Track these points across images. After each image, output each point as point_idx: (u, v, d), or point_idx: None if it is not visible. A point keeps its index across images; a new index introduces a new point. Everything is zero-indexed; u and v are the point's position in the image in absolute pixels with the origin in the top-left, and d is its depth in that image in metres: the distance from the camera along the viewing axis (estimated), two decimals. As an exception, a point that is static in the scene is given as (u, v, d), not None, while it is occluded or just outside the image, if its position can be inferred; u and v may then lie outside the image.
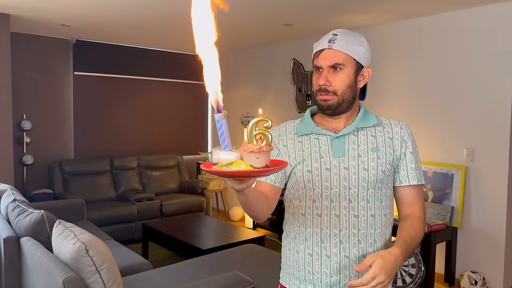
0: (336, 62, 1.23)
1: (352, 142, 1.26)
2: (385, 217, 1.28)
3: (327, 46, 1.25)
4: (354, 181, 1.23)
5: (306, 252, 1.27)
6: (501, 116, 3.45)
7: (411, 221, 1.26)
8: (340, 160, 1.25)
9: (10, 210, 2.61)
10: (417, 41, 4.00)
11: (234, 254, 3.15)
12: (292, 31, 4.70)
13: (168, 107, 6.15)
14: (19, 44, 4.86)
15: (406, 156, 1.30)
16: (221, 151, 0.89)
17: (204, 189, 5.51)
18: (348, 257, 1.23)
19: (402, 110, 4.10)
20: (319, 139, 1.28)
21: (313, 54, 1.30)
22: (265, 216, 1.26)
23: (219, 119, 0.88)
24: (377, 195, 1.25)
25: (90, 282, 1.81)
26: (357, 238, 1.23)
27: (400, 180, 1.30)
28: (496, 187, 3.49)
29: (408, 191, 1.30)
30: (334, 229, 1.23)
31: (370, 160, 1.24)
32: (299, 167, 1.27)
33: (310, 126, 1.30)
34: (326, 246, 1.24)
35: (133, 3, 3.62)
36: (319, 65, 1.25)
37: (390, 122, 1.33)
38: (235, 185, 0.98)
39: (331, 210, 1.24)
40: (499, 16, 3.44)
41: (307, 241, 1.27)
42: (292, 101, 5.29)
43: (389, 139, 1.29)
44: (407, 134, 1.32)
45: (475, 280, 3.45)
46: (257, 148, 0.90)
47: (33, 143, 5.00)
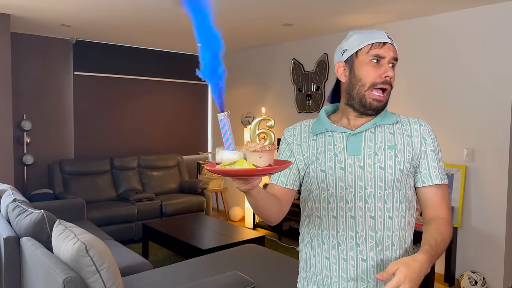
0: (396, 57, 1.20)
1: (368, 139, 1.20)
2: (404, 219, 1.20)
3: (389, 41, 1.20)
4: (370, 181, 1.17)
5: (323, 255, 1.22)
6: (501, 116, 3.45)
7: (436, 224, 1.17)
8: (355, 159, 1.19)
9: (10, 210, 2.61)
10: (417, 41, 4.00)
11: (234, 254, 3.15)
12: (292, 31, 4.70)
13: (168, 107, 6.15)
14: (19, 44, 4.86)
15: (427, 154, 1.22)
16: (224, 150, 0.88)
17: (204, 189, 5.51)
18: (366, 260, 1.18)
19: (402, 110, 4.10)
20: (334, 137, 1.23)
21: (367, 44, 1.19)
22: (276, 218, 1.22)
23: (222, 118, 0.88)
24: (395, 196, 1.19)
25: (90, 282, 1.81)
26: (374, 241, 1.18)
27: (422, 180, 1.22)
28: (496, 187, 3.49)
29: (431, 192, 1.22)
30: (350, 231, 1.18)
31: (387, 158, 1.18)
32: (312, 166, 1.23)
33: (326, 123, 1.25)
34: (343, 249, 1.19)
35: (133, 3, 3.62)
36: (384, 56, 1.17)
37: (409, 119, 1.27)
38: (240, 185, 0.95)
39: (346, 211, 1.19)
40: (499, 16, 3.44)
41: (323, 244, 1.22)
42: (292, 101, 5.29)
43: (408, 137, 1.22)
44: (427, 131, 1.24)
45: (475, 280, 3.45)
46: (260, 147, 0.89)
47: (33, 143, 5.00)
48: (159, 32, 4.80)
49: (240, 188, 0.95)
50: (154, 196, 5.19)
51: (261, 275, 2.65)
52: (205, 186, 5.51)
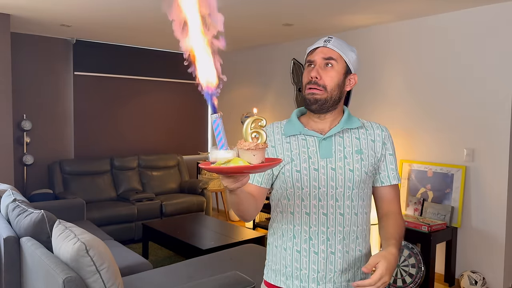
0: (330, 56, 1.31)
1: (338, 144, 1.32)
2: (366, 215, 1.35)
3: (322, 45, 1.34)
4: (341, 181, 1.29)
5: (294, 249, 1.31)
6: (501, 116, 3.45)
7: (394, 219, 1.34)
8: (328, 161, 1.30)
9: (10, 210, 2.61)
10: (417, 41, 4.00)
11: (234, 254, 3.15)
12: (292, 31, 4.70)
13: (168, 107, 6.15)
14: (19, 44, 4.86)
15: (386, 158, 1.37)
16: (218, 150, 0.91)
17: (204, 189, 5.51)
18: (334, 253, 1.29)
19: (402, 110, 4.10)
20: (307, 140, 1.33)
21: (307, 54, 1.38)
22: (252, 216, 1.30)
23: (215, 119, 0.91)
24: (360, 195, 1.32)
25: (90, 282, 1.81)
26: (342, 235, 1.30)
27: (382, 180, 1.37)
28: (496, 187, 3.49)
29: (388, 190, 1.38)
30: (322, 227, 1.29)
31: (355, 162, 1.30)
32: (287, 167, 1.31)
33: (298, 126, 1.35)
34: (314, 243, 1.29)
35: (133, 3, 3.62)
36: (313, 59, 1.33)
37: (372, 125, 1.39)
38: (230, 184, 0.99)
39: (319, 208, 1.29)
40: (499, 16, 3.44)
41: (295, 238, 1.31)
42: (292, 101, 5.29)
43: (372, 142, 1.35)
44: (387, 137, 1.38)
45: (475, 280, 3.45)
46: (254, 145, 0.93)
47: (33, 143, 5.00)
48: (159, 32, 4.80)
49: (230, 186, 0.99)
50: (154, 196, 5.19)
51: (261, 275, 2.64)
52: (205, 186, 5.51)
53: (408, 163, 4.02)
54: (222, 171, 0.89)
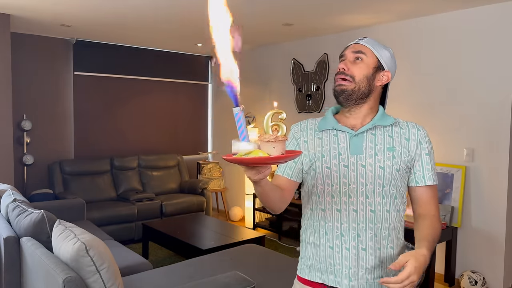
0: (359, 50, 1.32)
1: (369, 140, 1.31)
2: (398, 213, 1.34)
3: (355, 42, 1.37)
4: (371, 178, 1.29)
5: (327, 245, 1.33)
6: (501, 116, 3.45)
7: (430, 221, 1.31)
8: (358, 158, 1.30)
9: (10, 210, 2.61)
10: (417, 41, 4.00)
11: (234, 254, 3.15)
12: (292, 31, 4.70)
13: (168, 107, 6.15)
14: (19, 44, 4.86)
15: (421, 157, 1.34)
16: (240, 142, 0.94)
17: (204, 189, 5.51)
18: (365, 249, 1.29)
19: (402, 110, 4.10)
20: (338, 136, 1.33)
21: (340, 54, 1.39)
22: (280, 208, 1.32)
23: (237, 112, 0.94)
24: (392, 192, 1.31)
25: (90, 282, 1.81)
26: (374, 232, 1.30)
27: (417, 180, 1.35)
28: (496, 187, 3.49)
29: (424, 191, 1.35)
30: (352, 223, 1.30)
31: (386, 159, 1.30)
32: (318, 163, 1.33)
33: (331, 122, 1.36)
34: (346, 239, 1.30)
35: (133, 3, 3.62)
36: (343, 54, 1.35)
37: (407, 124, 1.38)
38: (252, 175, 1.02)
39: (349, 205, 1.30)
40: (499, 16, 3.44)
41: (327, 235, 1.33)
42: (292, 101, 5.29)
43: (405, 140, 1.34)
44: (423, 136, 1.36)
45: (475, 280, 3.45)
46: (274, 137, 0.96)
47: (33, 143, 5.00)
48: (159, 32, 4.80)
49: (252, 178, 1.03)
50: (154, 196, 5.19)
51: (261, 275, 2.65)
52: (205, 186, 5.51)
53: (408, 163, 4.02)
54: (242, 162, 0.93)
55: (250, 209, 5.45)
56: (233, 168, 6.15)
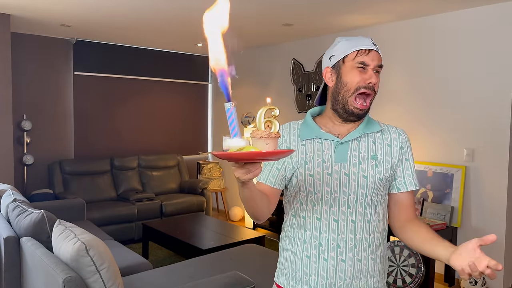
0: (381, 64, 1.26)
1: (354, 148, 1.27)
2: (379, 223, 1.30)
3: (375, 48, 1.26)
4: (354, 188, 1.25)
5: (304, 254, 1.28)
6: (501, 116, 3.45)
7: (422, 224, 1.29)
8: (342, 166, 1.26)
9: (10, 210, 2.61)
10: (417, 41, 4.00)
11: (234, 254, 3.15)
12: (292, 31, 4.70)
13: (168, 107, 6.15)
14: (19, 44, 4.86)
15: (402, 163, 1.32)
16: (231, 138, 0.91)
17: (204, 189, 5.51)
18: (345, 261, 1.25)
19: (402, 110, 4.10)
20: (322, 143, 1.28)
21: (353, 50, 1.24)
22: (265, 215, 1.26)
23: (229, 107, 0.91)
24: (373, 202, 1.27)
25: (90, 282, 1.81)
26: (354, 243, 1.25)
27: (398, 187, 1.32)
28: (496, 187, 3.49)
29: (405, 197, 1.33)
30: (332, 234, 1.25)
31: (369, 168, 1.26)
32: (301, 170, 1.27)
33: (315, 130, 1.30)
34: (324, 249, 1.26)
35: (132, 3, 3.62)
36: (368, 63, 1.23)
37: (389, 128, 1.34)
38: (242, 175, 0.97)
39: (330, 214, 1.26)
40: (499, 16, 3.44)
41: (305, 243, 1.28)
42: (292, 101, 5.29)
43: (388, 146, 1.30)
44: (404, 141, 1.33)
45: (475, 280, 3.45)
46: (267, 133, 0.93)
47: (33, 143, 5.00)
48: (159, 32, 4.80)
49: (241, 177, 0.98)
50: (154, 196, 5.19)
51: (261, 275, 2.65)
52: (205, 186, 5.51)
53: (408, 163, 4.02)
54: (234, 157, 0.89)
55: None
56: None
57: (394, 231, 1.36)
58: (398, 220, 1.34)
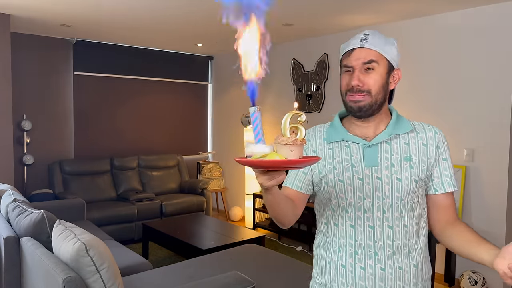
0: (370, 59, 1.18)
1: (384, 151, 1.21)
2: (417, 227, 1.24)
3: (359, 45, 1.20)
4: (388, 191, 1.19)
5: (339, 263, 1.23)
6: (501, 116, 3.45)
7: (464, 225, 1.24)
8: (373, 170, 1.20)
9: (10, 210, 2.61)
10: (417, 41, 4.00)
11: (234, 254, 3.15)
12: (292, 31, 4.70)
13: (168, 107, 6.15)
14: (19, 44, 4.86)
15: (439, 163, 1.25)
16: (255, 144, 0.88)
17: (204, 189, 5.51)
18: (384, 269, 1.19)
19: (402, 110, 4.08)
20: (350, 147, 1.23)
21: (342, 55, 1.25)
22: (290, 221, 1.22)
23: (254, 112, 0.88)
24: (409, 205, 1.21)
25: (90, 282, 1.81)
26: (392, 250, 1.19)
27: (435, 188, 1.26)
28: (496, 187, 3.49)
29: (443, 198, 1.26)
30: (368, 241, 1.20)
31: (403, 170, 1.20)
32: (330, 176, 1.23)
33: (341, 132, 1.25)
34: (361, 257, 1.20)
35: (133, 3, 3.62)
36: (351, 65, 1.20)
37: (424, 127, 1.27)
38: (265, 181, 0.93)
39: (364, 221, 1.20)
40: (499, 16, 3.44)
41: (340, 252, 1.23)
42: (292, 101, 5.29)
43: (423, 146, 1.24)
44: (441, 140, 1.27)
45: (475, 280, 3.45)
46: (292, 140, 0.89)
47: (33, 143, 5.00)
48: (159, 32, 4.80)
49: (264, 184, 0.94)
50: (154, 196, 5.19)
51: (261, 275, 2.65)
52: (205, 186, 5.51)
53: (408, 163, 4.02)
54: (258, 165, 0.85)
55: (250, 209, 5.45)
56: (233, 168, 6.15)
57: (435, 234, 1.30)
58: (438, 223, 1.28)
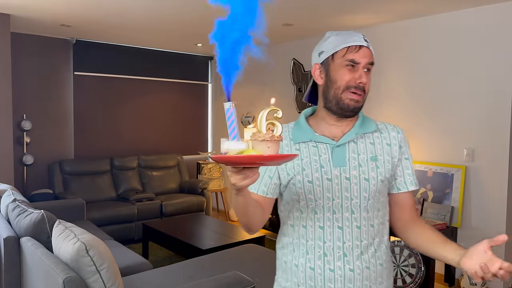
0: (372, 61, 1.19)
1: (352, 151, 1.21)
2: (382, 226, 1.25)
3: (365, 44, 1.19)
4: (356, 192, 1.19)
5: (308, 266, 1.21)
6: (501, 116, 3.45)
7: (425, 224, 1.27)
8: (341, 170, 1.19)
9: (10, 210, 2.61)
10: (417, 41, 4.00)
11: (234, 254, 3.15)
12: (292, 31, 4.70)
13: (168, 107, 6.15)
14: (19, 44, 4.86)
15: (402, 162, 1.27)
16: (230, 140, 0.86)
17: (204, 189, 5.51)
18: (353, 270, 1.19)
19: (402, 110, 4.10)
20: (318, 147, 1.22)
21: (343, 47, 1.18)
22: (259, 225, 1.21)
23: (229, 107, 0.86)
24: (375, 204, 1.22)
25: (90, 282, 1.81)
26: (360, 250, 1.19)
27: (398, 187, 1.27)
28: (496, 187, 3.49)
29: (406, 196, 1.28)
30: (337, 242, 1.19)
31: (370, 170, 1.20)
32: (298, 177, 1.20)
33: (308, 132, 1.23)
34: (330, 259, 1.19)
35: (133, 3, 3.62)
36: (359, 61, 1.17)
37: (387, 126, 1.29)
38: (239, 180, 0.90)
39: (333, 221, 1.19)
40: (499, 16, 3.44)
41: (308, 254, 1.21)
42: (292, 101, 5.29)
43: (387, 145, 1.25)
44: (403, 139, 1.28)
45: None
46: (270, 136, 0.87)
47: (33, 143, 5.00)
48: (159, 32, 4.80)
49: (238, 183, 0.91)
50: (154, 196, 5.19)
51: (261, 275, 2.65)
52: (205, 186, 5.51)
53: (408, 163, 4.02)
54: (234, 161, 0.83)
55: (250, 209, 5.44)
56: (233, 168, 6.15)
57: (396, 232, 1.32)
58: (399, 221, 1.30)
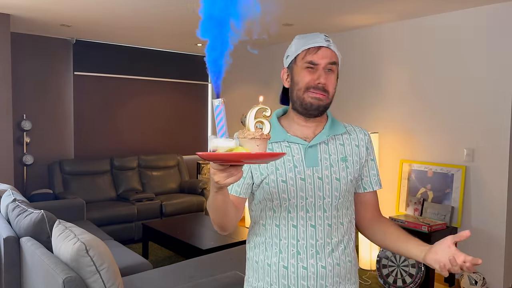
0: (334, 61, 1.22)
1: (323, 151, 1.25)
2: (350, 223, 1.30)
3: (325, 44, 1.23)
4: (328, 191, 1.23)
5: (281, 264, 1.22)
6: (501, 116, 3.45)
7: (390, 222, 1.32)
8: (314, 170, 1.22)
9: (10, 210, 2.61)
10: (417, 41, 4.00)
11: (234, 254, 3.15)
12: (292, 31, 4.70)
13: (168, 107, 6.15)
14: (19, 44, 4.86)
15: (368, 163, 1.33)
16: (218, 138, 0.86)
17: (204, 189, 5.51)
18: (325, 267, 1.22)
19: (402, 110, 4.10)
20: (291, 147, 1.24)
21: (303, 49, 1.24)
22: (233, 225, 1.20)
23: (218, 104, 0.86)
24: (345, 203, 1.27)
25: (90, 282, 1.81)
26: (331, 247, 1.23)
27: (364, 187, 1.33)
28: (496, 187, 3.49)
29: (371, 196, 1.34)
30: (310, 240, 1.21)
31: (341, 170, 1.25)
32: (272, 176, 1.21)
33: (281, 133, 1.26)
34: (303, 257, 1.21)
35: (133, 4, 3.62)
36: (317, 62, 1.21)
37: (354, 128, 1.34)
38: (222, 179, 0.90)
39: (307, 220, 1.22)
40: (499, 16, 3.44)
41: (281, 253, 1.22)
42: (292, 101, 5.29)
43: (356, 147, 1.30)
44: (369, 141, 1.34)
45: (475, 280, 3.45)
46: (259, 134, 0.88)
47: (33, 143, 5.00)
48: (159, 32, 4.80)
49: (222, 181, 0.90)
50: (154, 196, 5.19)
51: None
52: (205, 186, 5.51)
53: (408, 163, 4.02)
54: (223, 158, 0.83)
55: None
56: (233, 168, 6.15)
57: (361, 231, 1.37)
58: (364, 219, 1.35)
